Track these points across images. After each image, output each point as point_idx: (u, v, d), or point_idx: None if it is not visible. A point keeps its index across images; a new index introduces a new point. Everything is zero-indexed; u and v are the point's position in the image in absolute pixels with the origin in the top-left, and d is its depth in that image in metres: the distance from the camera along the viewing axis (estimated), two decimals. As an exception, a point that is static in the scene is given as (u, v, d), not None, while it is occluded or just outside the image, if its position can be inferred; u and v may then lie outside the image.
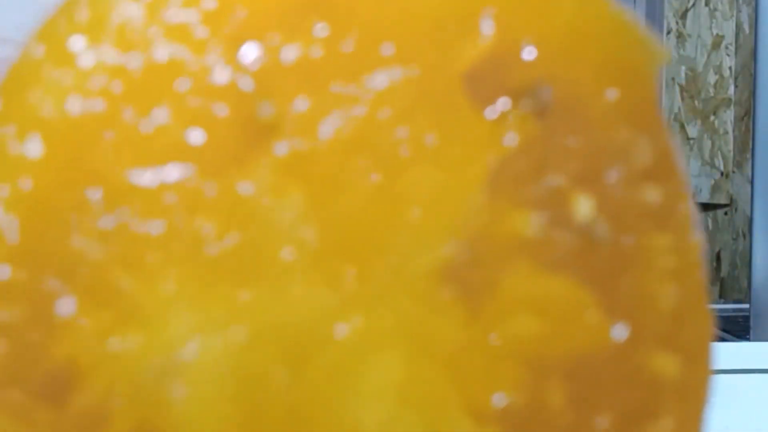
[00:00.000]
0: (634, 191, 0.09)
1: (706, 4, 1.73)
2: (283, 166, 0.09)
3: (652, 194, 0.09)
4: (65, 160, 0.09)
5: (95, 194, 0.09)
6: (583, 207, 0.09)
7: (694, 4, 1.73)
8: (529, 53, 0.09)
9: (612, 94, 0.10)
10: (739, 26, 1.73)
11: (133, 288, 0.09)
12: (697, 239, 0.10)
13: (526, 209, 0.09)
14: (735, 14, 1.73)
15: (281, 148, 0.09)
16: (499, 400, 0.09)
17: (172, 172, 0.09)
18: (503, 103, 0.09)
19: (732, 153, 1.72)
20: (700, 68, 1.73)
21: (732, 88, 1.72)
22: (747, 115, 1.70)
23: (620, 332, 0.09)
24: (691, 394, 0.10)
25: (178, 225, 0.09)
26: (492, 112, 0.09)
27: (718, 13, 1.73)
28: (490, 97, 0.09)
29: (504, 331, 0.09)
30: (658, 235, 0.09)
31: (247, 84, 0.09)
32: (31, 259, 0.09)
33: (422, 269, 0.09)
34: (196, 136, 0.09)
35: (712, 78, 1.73)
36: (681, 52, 1.73)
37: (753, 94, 0.84)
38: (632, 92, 0.10)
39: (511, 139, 0.09)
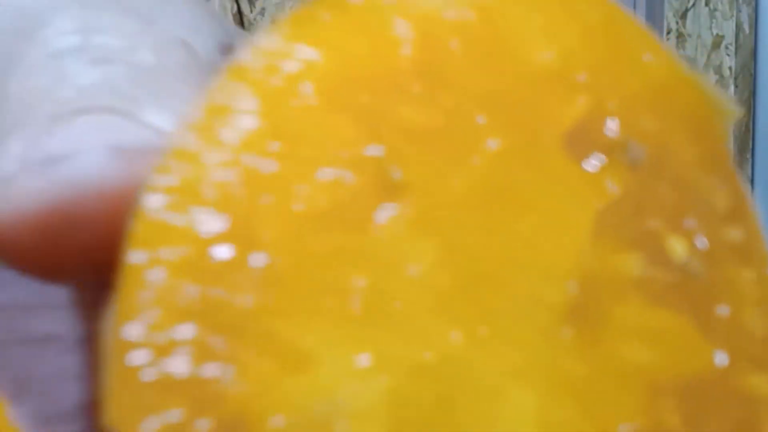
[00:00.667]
0: (720, 231, 0.11)
1: (706, 4, 1.73)
2: (415, 221, 0.10)
3: (735, 233, 0.11)
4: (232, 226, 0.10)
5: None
6: (678, 247, 0.11)
7: (694, 4, 1.73)
8: (619, 111, 0.11)
9: (694, 147, 0.11)
10: (739, 26, 1.73)
11: (290, 335, 0.10)
12: None
13: (628, 250, 0.11)
14: (735, 14, 1.73)
15: (412, 203, 0.10)
16: (626, 428, 0.10)
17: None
18: (600, 158, 0.11)
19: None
20: (700, 68, 1.73)
21: (732, 88, 1.72)
22: (747, 115, 1.70)
23: (721, 358, 0.11)
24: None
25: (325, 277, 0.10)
26: (591, 166, 0.11)
27: (718, 13, 1.73)
28: (587, 153, 0.11)
29: (621, 360, 0.10)
30: (743, 270, 0.11)
31: (378, 151, 0.10)
32: (200, 317, 0.10)
33: (547, 309, 0.10)
34: (333, 197, 0.10)
35: (712, 78, 1.73)
36: (681, 52, 1.73)
37: (753, 94, 0.84)
38: (711, 145, 0.11)
39: (611, 188, 0.11)
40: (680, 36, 1.74)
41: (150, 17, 0.14)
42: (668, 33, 1.75)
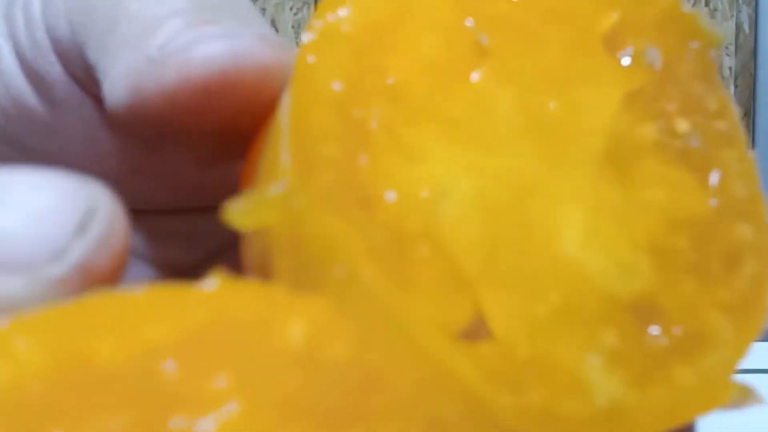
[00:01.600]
0: (711, 122, 0.15)
1: (706, 4, 1.73)
2: (498, 76, 0.14)
3: (721, 125, 0.15)
4: None
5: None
6: (683, 125, 0.15)
7: (694, 4, 1.73)
8: (640, 27, 0.15)
9: (692, 63, 0.15)
10: (739, 26, 1.73)
11: (412, 139, 0.13)
12: (751, 156, 0.15)
13: (648, 121, 0.15)
14: (735, 14, 1.73)
15: (495, 65, 0.15)
16: (649, 243, 0.14)
17: None
18: (629, 56, 0.15)
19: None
20: (700, 68, 1.73)
21: (732, 88, 1.72)
22: (747, 115, 1.70)
23: (713, 202, 0.14)
24: (764, 251, 0.14)
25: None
26: (623, 60, 0.15)
27: (718, 13, 1.73)
28: (620, 51, 0.15)
29: (645, 198, 0.14)
30: (729, 150, 0.15)
31: (471, 23, 0.15)
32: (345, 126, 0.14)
33: (591, 153, 0.14)
34: None
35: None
36: (681, 52, 1.73)
37: (753, 94, 0.84)
38: (704, 62, 0.15)
39: (636, 79, 0.15)
40: (680, 36, 1.74)
41: None
42: (668, 33, 1.75)
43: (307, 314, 0.12)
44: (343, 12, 0.14)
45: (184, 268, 0.21)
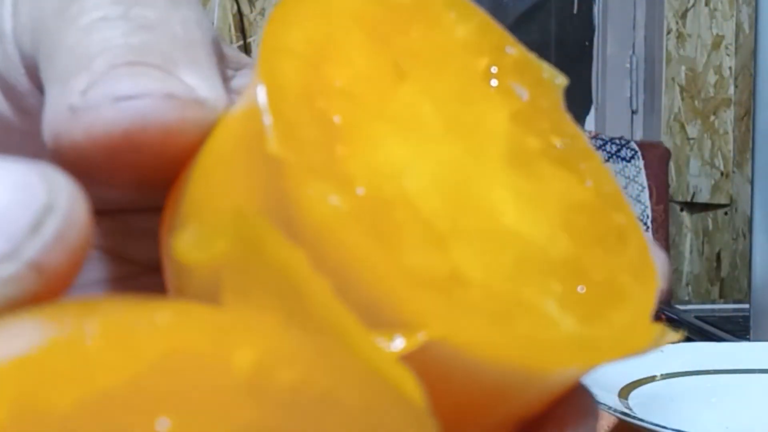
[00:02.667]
0: (573, 140, 0.19)
1: (706, 4, 1.73)
2: (416, 91, 0.17)
3: (580, 143, 0.19)
4: None
5: None
6: (556, 141, 0.18)
7: (694, 4, 1.73)
8: (504, 71, 0.19)
9: (545, 96, 0.19)
10: (739, 26, 1.73)
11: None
12: (607, 166, 0.19)
13: (531, 134, 0.18)
14: (735, 14, 1.73)
15: (412, 83, 0.18)
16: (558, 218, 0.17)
17: None
18: (503, 87, 0.18)
19: (732, 153, 1.72)
20: (700, 68, 1.73)
21: (732, 88, 1.72)
22: (747, 115, 1.70)
23: (594, 195, 0.18)
24: (638, 231, 0.18)
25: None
26: (500, 91, 0.18)
27: (718, 13, 1.73)
28: (495, 83, 0.18)
29: (550, 188, 0.17)
30: (590, 160, 0.18)
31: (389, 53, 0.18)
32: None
33: (499, 154, 0.17)
34: None
35: (712, 78, 1.73)
36: (681, 52, 1.73)
37: (753, 94, 0.84)
38: (554, 96, 0.19)
39: (515, 104, 0.18)
40: (680, 36, 1.74)
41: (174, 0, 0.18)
42: (668, 33, 1.75)
43: (255, 341, 0.12)
44: (290, 35, 0.16)
45: (152, 265, 0.21)
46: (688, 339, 0.83)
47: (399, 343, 0.13)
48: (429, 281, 0.15)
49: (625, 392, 0.54)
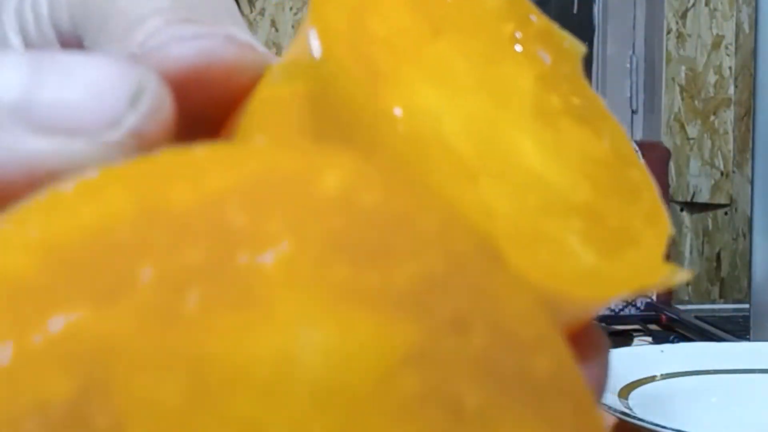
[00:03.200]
0: (589, 102, 0.20)
1: (706, 4, 1.73)
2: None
3: (597, 105, 0.20)
4: None
5: None
6: (575, 100, 0.19)
7: (694, 4, 1.73)
8: (529, 37, 0.20)
9: (566, 61, 0.20)
10: (739, 26, 1.73)
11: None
12: (621, 127, 0.20)
13: (555, 94, 0.19)
14: (735, 14, 1.73)
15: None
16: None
17: None
18: (534, 52, 0.20)
19: (732, 153, 1.72)
20: (700, 68, 1.73)
21: (732, 88, 1.72)
22: (747, 115, 1.70)
23: (611, 151, 0.19)
24: (652, 187, 0.19)
25: None
26: (526, 54, 0.19)
27: (718, 13, 1.73)
28: (527, 48, 0.20)
29: (571, 140, 0.19)
30: (605, 120, 0.19)
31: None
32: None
33: (526, 107, 0.19)
34: None
35: (712, 78, 1.72)
36: (681, 52, 1.73)
37: (753, 94, 0.84)
38: (574, 62, 0.20)
39: (541, 68, 0.19)
40: (680, 36, 1.74)
41: None
42: (668, 33, 1.75)
43: (340, 166, 0.13)
44: None
45: None
46: (688, 339, 0.83)
47: None
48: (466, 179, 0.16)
49: (625, 392, 0.54)
